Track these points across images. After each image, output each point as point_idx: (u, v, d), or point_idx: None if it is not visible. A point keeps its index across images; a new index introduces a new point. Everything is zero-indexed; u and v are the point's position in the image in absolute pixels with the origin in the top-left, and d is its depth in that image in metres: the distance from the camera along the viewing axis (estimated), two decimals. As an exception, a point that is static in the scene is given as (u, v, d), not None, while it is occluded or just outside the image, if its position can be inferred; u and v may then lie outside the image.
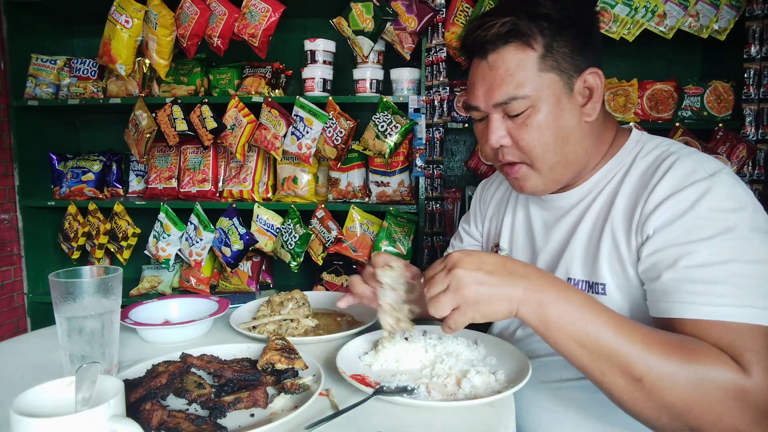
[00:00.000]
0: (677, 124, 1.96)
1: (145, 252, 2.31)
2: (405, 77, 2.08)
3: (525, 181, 0.90)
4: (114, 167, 2.47)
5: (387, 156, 2.02)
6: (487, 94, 0.85)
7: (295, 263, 2.10)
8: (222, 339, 1.03)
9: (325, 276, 2.24)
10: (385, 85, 2.14)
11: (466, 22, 2.00)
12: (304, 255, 2.11)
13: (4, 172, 2.35)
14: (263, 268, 2.39)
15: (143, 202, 2.30)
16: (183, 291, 2.36)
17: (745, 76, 1.86)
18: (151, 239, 2.27)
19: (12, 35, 2.30)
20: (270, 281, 2.44)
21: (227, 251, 2.15)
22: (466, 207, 2.21)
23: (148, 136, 2.17)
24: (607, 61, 2.20)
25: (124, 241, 2.27)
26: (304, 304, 1.11)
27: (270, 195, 2.28)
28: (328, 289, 2.19)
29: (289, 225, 2.11)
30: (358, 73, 2.12)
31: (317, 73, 2.12)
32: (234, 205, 2.18)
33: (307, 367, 0.80)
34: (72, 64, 2.35)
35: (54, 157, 2.46)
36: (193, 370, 0.78)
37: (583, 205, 0.92)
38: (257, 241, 2.16)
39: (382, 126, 2.01)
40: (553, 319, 0.69)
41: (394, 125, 2.00)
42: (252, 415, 0.71)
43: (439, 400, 0.75)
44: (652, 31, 1.88)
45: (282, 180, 2.24)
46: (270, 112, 2.08)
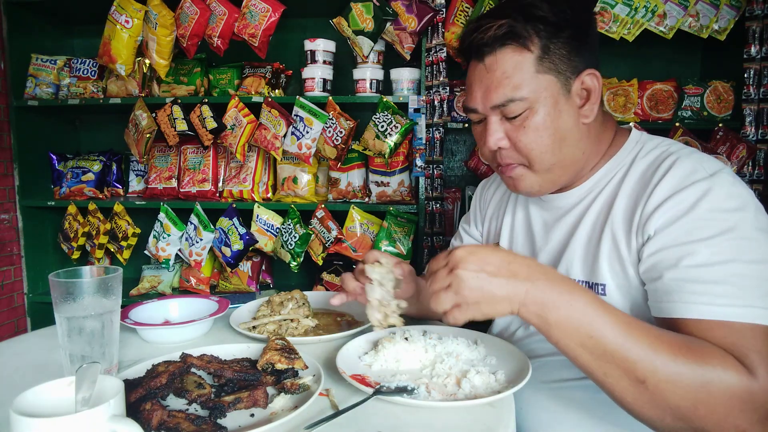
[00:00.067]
0: (677, 124, 1.96)
1: (145, 252, 2.31)
2: (405, 77, 2.08)
3: (520, 181, 0.90)
4: (114, 167, 2.47)
5: (387, 156, 2.02)
6: (485, 97, 0.85)
7: (295, 263, 2.10)
8: (222, 339, 1.03)
9: (325, 276, 2.24)
10: (385, 85, 2.14)
11: (466, 22, 2.00)
12: (304, 255, 2.11)
13: (4, 172, 2.35)
14: (263, 268, 2.39)
15: (143, 202, 2.30)
16: (183, 291, 2.36)
17: (745, 76, 1.86)
18: (151, 239, 2.27)
19: (12, 35, 2.30)
20: (270, 281, 2.44)
21: (227, 251, 2.15)
22: (466, 207, 2.21)
23: (148, 136, 2.17)
24: (607, 61, 2.23)
25: (124, 241, 2.27)
26: (304, 304, 1.11)
27: (270, 195, 2.28)
28: (328, 289, 2.19)
29: (289, 225, 2.11)
30: (358, 73, 2.12)
31: (317, 73, 2.12)
32: (234, 205, 2.18)
33: (307, 367, 0.80)
34: (72, 64, 2.35)
35: (54, 157, 2.46)
36: (193, 370, 0.78)
37: (582, 205, 0.92)
38: (257, 241, 2.16)
39: (382, 126, 2.01)
40: (554, 322, 0.69)
41: (394, 125, 2.00)
42: (252, 415, 0.71)
43: (439, 400, 0.75)
44: (652, 31, 1.88)
45: (282, 180, 2.24)
46: (270, 112, 2.08)
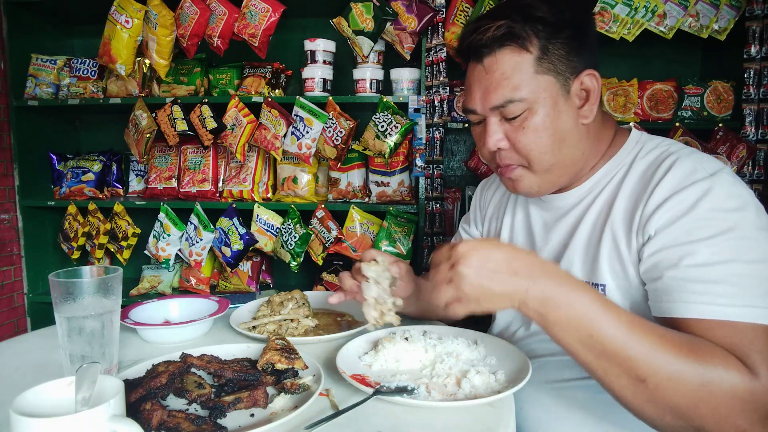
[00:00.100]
0: (677, 124, 1.96)
1: (145, 252, 2.31)
2: (405, 77, 2.08)
3: (519, 182, 0.90)
4: (114, 167, 2.46)
5: (387, 156, 2.02)
6: (484, 98, 0.85)
7: (295, 263, 2.10)
8: (222, 339, 1.03)
9: (325, 276, 2.24)
10: (385, 85, 2.14)
11: (466, 22, 2.00)
12: (304, 255, 2.11)
13: (4, 172, 2.35)
14: (263, 268, 2.39)
15: (143, 202, 2.30)
16: (183, 291, 2.36)
17: (745, 76, 1.86)
18: (151, 239, 2.27)
19: (12, 35, 2.30)
20: (270, 281, 2.44)
21: (227, 251, 2.15)
22: (466, 207, 2.21)
23: (148, 136, 2.17)
24: (607, 61, 2.23)
25: (124, 241, 2.27)
26: (304, 304, 1.11)
27: (270, 195, 2.28)
28: (328, 289, 2.18)
29: (289, 225, 2.11)
30: (358, 73, 2.11)
31: (317, 73, 2.12)
32: (234, 205, 2.18)
33: (307, 367, 0.80)
34: (72, 64, 2.35)
35: (54, 157, 2.46)
36: (193, 370, 0.78)
37: (582, 205, 0.92)
38: (257, 241, 2.16)
39: (382, 126, 2.01)
40: (554, 320, 0.69)
41: (394, 125, 2.00)
42: (252, 415, 0.71)
43: (439, 400, 0.75)
44: (652, 31, 1.87)
45: (282, 180, 2.24)
46: (270, 112, 2.08)
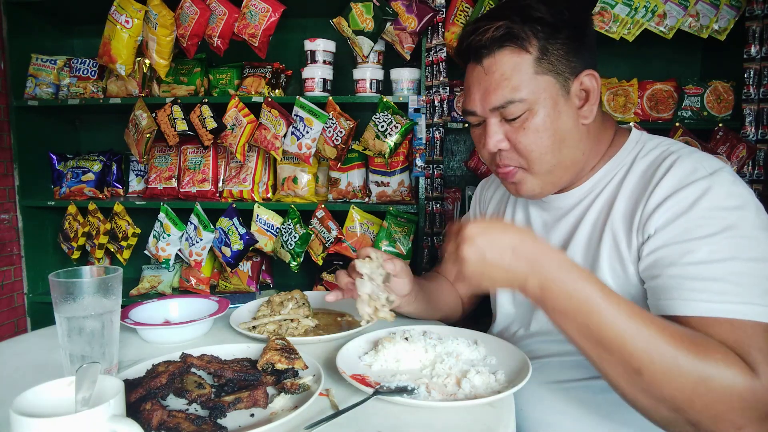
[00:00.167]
0: (677, 124, 1.96)
1: (145, 252, 2.31)
2: (405, 77, 2.08)
3: (522, 185, 0.90)
4: (114, 167, 2.46)
5: (387, 156, 2.02)
6: (484, 99, 0.85)
7: (295, 263, 2.10)
8: (222, 339, 1.03)
9: (325, 276, 2.24)
10: (385, 85, 2.14)
11: (466, 22, 1.99)
12: (304, 255, 2.11)
13: (4, 172, 2.35)
14: (263, 268, 2.39)
15: (143, 202, 2.30)
16: (183, 291, 2.36)
17: (745, 76, 1.85)
18: (151, 239, 2.27)
19: (12, 35, 2.30)
20: (270, 281, 2.44)
21: (227, 251, 2.15)
22: (466, 207, 2.21)
23: (148, 136, 2.17)
24: (607, 61, 2.23)
25: (124, 241, 2.27)
26: (304, 304, 1.11)
27: (270, 195, 2.28)
28: (328, 289, 2.17)
29: (289, 225, 2.11)
30: (358, 73, 2.11)
31: (317, 73, 2.12)
32: (234, 205, 2.17)
33: (307, 367, 0.80)
34: (72, 64, 2.35)
35: (54, 157, 2.46)
36: (193, 370, 0.78)
37: (582, 205, 0.92)
38: (257, 241, 2.16)
39: (382, 126, 2.01)
40: (551, 309, 0.71)
41: (394, 125, 2.00)
42: (252, 415, 0.71)
43: (439, 400, 0.75)
44: (652, 31, 1.87)
45: (282, 180, 2.24)
46: (270, 112, 2.08)
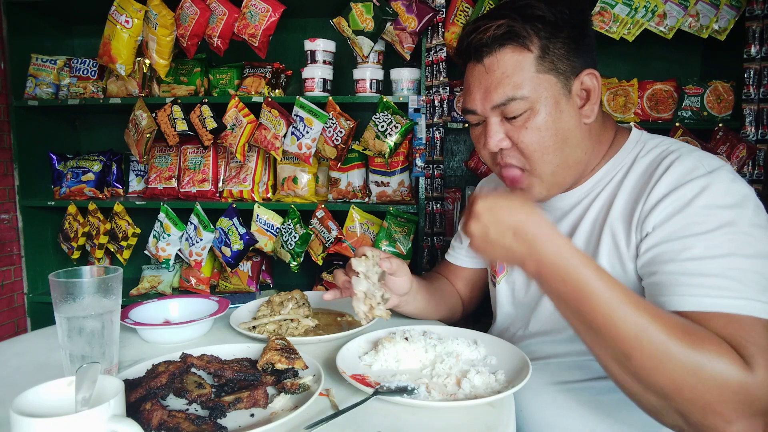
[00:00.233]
0: (677, 124, 1.96)
1: (145, 252, 2.31)
2: (405, 77, 2.08)
3: (530, 191, 0.89)
4: (114, 167, 2.46)
5: (387, 156, 2.02)
6: (485, 97, 0.85)
7: (295, 263, 2.10)
8: (222, 339, 1.03)
9: (325, 276, 2.24)
10: (385, 85, 2.14)
11: (466, 22, 1.99)
12: (304, 255, 2.11)
13: (4, 172, 2.35)
14: (263, 268, 2.39)
15: (143, 202, 2.30)
16: (183, 291, 2.36)
17: (745, 76, 1.85)
18: (151, 239, 2.27)
19: (12, 35, 2.30)
20: (270, 281, 2.44)
21: (227, 251, 2.15)
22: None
23: (148, 136, 2.16)
24: (607, 61, 2.23)
25: (124, 241, 2.27)
26: (304, 304, 1.11)
27: (270, 195, 2.28)
28: (328, 289, 2.18)
29: (289, 225, 2.11)
30: (358, 73, 2.11)
31: (317, 73, 2.12)
32: (234, 205, 2.17)
33: (307, 367, 0.80)
34: (72, 64, 2.35)
35: (54, 157, 2.46)
36: (193, 370, 0.78)
37: (582, 205, 0.92)
38: (257, 241, 2.16)
39: (382, 126, 2.01)
40: (547, 290, 0.73)
41: (394, 125, 2.00)
42: (252, 415, 0.71)
43: (439, 400, 0.75)
44: (652, 31, 1.87)
45: (282, 180, 2.24)
46: (270, 112, 2.08)
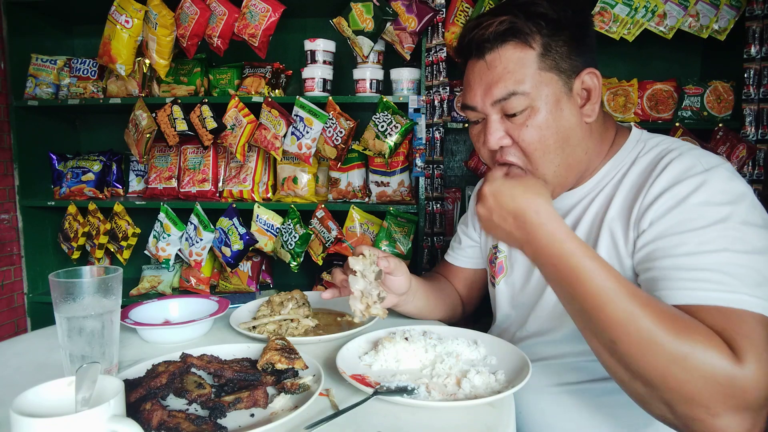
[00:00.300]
0: (677, 124, 1.96)
1: (145, 252, 2.31)
2: (405, 77, 2.08)
3: None
4: (114, 167, 2.46)
5: (387, 156, 2.02)
6: (486, 93, 0.85)
7: (295, 263, 2.10)
8: (222, 339, 1.03)
9: (325, 276, 2.24)
10: (385, 85, 2.14)
11: (466, 22, 1.99)
12: (304, 255, 2.11)
13: (4, 172, 2.35)
14: (263, 268, 2.39)
15: (143, 202, 2.30)
16: (183, 291, 2.36)
17: (745, 76, 1.85)
18: (151, 239, 2.27)
19: (12, 35, 2.30)
20: (270, 281, 2.44)
21: (227, 251, 2.15)
22: (466, 207, 2.21)
23: (148, 136, 2.16)
24: (607, 61, 2.23)
25: (124, 241, 2.27)
26: (304, 304, 1.11)
27: (270, 195, 2.28)
28: (327, 289, 2.18)
29: (289, 225, 2.11)
30: (358, 73, 2.11)
31: (317, 73, 2.12)
32: (234, 205, 2.17)
33: (307, 367, 0.80)
34: (72, 64, 2.35)
35: (54, 157, 2.46)
36: (193, 370, 0.78)
37: (582, 205, 0.92)
38: (257, 241, 2.16)
39: (382, 126, 2.01)
40: (543, 274, 0.77)
41: (394, 125, 2.00)
42: (252, 415, 0.71)
43: (439, 400, 0.75)
44: (652, 31, 1.87)
45: (282, 180, 2.24)
46: (270, 112, 2.08)
